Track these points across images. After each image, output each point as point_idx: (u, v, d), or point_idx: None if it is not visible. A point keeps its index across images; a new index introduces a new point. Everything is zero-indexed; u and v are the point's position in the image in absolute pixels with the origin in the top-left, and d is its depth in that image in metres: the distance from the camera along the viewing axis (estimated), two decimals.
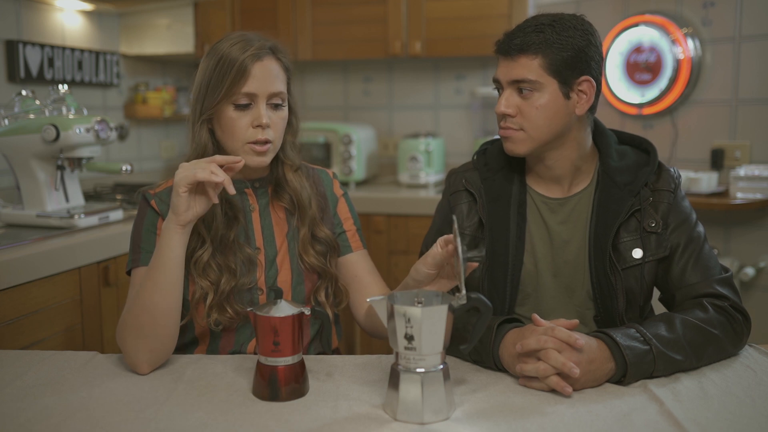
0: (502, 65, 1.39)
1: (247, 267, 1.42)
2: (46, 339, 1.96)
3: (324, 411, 1.12)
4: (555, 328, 1.20)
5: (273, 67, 1.39)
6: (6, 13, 2.65)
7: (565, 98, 1.37)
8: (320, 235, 1.48)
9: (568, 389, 1.15)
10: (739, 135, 2.79)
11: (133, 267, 1.40)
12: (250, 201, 1.47)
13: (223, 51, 1.37)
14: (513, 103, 1.37)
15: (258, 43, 1.38)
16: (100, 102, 3.16)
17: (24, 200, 2.26)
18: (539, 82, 1.35)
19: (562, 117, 1.37)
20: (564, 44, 1.34)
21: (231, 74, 1.35)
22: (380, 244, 3.04)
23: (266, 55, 1.38)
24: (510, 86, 1.38)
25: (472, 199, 1.49)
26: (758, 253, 2.74)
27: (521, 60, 1.35)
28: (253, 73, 1.36)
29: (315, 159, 3.27)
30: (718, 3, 2.79)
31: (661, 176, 1.42)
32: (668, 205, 1.40)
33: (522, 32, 1.35)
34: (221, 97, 1.36)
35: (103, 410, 1.13)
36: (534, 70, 1.34)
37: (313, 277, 1.48)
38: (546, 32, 1.34)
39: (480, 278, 1.45)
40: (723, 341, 1.29)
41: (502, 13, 3.13)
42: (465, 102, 3.56)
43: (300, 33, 3.39)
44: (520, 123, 1.37)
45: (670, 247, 1.39)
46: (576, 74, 1.36)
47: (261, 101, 1.38)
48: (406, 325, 1.07)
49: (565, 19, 1.36)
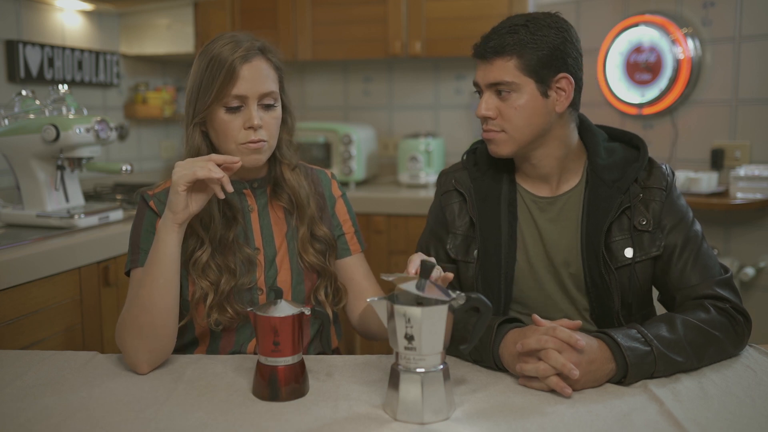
0: (480, 68, 1.40)
1: (246, 267, 1.42)
2: (46, 339, 1.96)
3: (324, 411, 1.12)
4: (556, 328, 1.20)
5: (263, 68, 1.39)
6: (6, 13, 2.65)
7: (544, 97, 1.37)
8: (319, 233, 1.48)
9: (567, 390, 1.15)
10: (739, 135, 2.79)
11: (132, 267, 1.40)
12: (249, 201, 1.47)
13: (213, 53, 1.37)
14: (492, 106, 1.38)
15: (247, 44, 1.38)
16: (100, 102, 3.16)
17: (24, 200, 2.26)
18: (516, 83, 1.35)
19: (541, 116, 1.38)
20: (539, 43, 1.34)
21: (220, 77, 1.35)
22: (380, 244, 3.04)
23: (255, 56, 1.38)
24: (489, 89, 1.39)
25: (462, 198, 1.50)
26: (758, 253, 2.74)
27: (497, 62, 1.36)
28: (242, 75, 1.36)
29: (315, 159, 3.27)
30: (718, 3, 2.79)
31: (652, 173, 1.42)
32: (661, 204, 1.39)
33: (496, 35, 1.36)
34: (212, 100, 1.36)
35: (103, 410, 1.13)
36: (510, 72, 1.35)
37: (313, 277, 1.48)
38: (520, 33, 1.35)
39: (474, 277, 1.45)
40: (724, 342, 1.29)
41: (502, 13, 3.13)
42: (465, 102, 3.56)
43: (300, 33, 3.39)
44: (501, 125, 1.38)
45: (665, 247, 1.39)
46: (553, 72, 1.36)
47: (252, 102, 1.37)
48: (406, 325, 1.07)
49: (539, 19, 1.37)
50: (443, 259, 1.50)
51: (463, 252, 1.47)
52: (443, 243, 1.51)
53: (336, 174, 3.17)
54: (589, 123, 1.49)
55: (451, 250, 1.48)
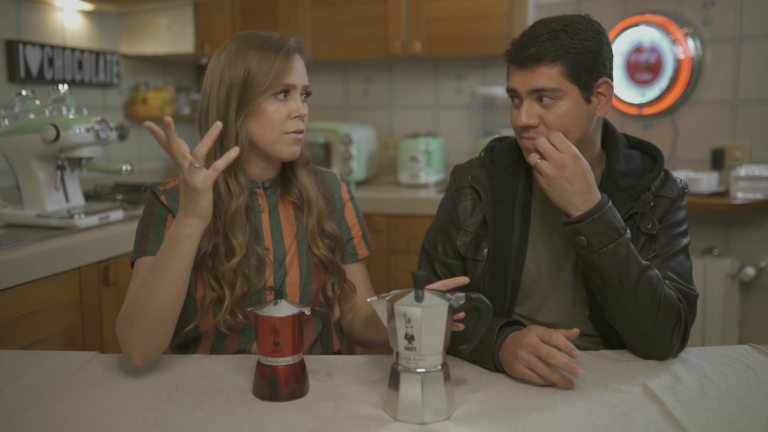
0: (518, 75, 1.35)
1: (257, 268, 1.42)
2: (46, 339, 1.95)
3: (324, 411, 1.12)
4: (553, 335, 1.20)
5: (302, 61, 1.45)
6: (6, 13, 2.65)
7: (587, 103, 1.35)
8: (327, 229, 1.48)
9: (577, 370, 1.17)
10: (739, 135, 2.79)
11: (138, 257, 1.38)
12: (260, 201, 1.47)
13: (257, 45, 1.38)
14: (534, 113, 1.34)
15: (289, 39, 1.42)
16: (100, 102, 3.16)
17: (24, 200, 2.26)
18: (561, 90, 1.32)
19: (584, 122, 1.36)
20: (580, 48, 1.31)
21: (276, 65, 1.37)
22: (380, 244, 3.04)
23: (296, 50, 1.43)
24: (529, 96, 1.34)
25: (477, 196, 1.49)
26: (758, 253, 2.74)
27: (540, 69, 1.32)
28: (293, 65, 1.40)
29: (315, 159, 3.24)
30: (718, 3, 2.79)
31: (666, 184, 1.42)
32: (664, 210, 1.39)
33: (535, 41, 1.32)
34: (265, 89, 1.37)
35: (103, 410, 1.13)
36: (554, 79, 1.32)
37: (321, 276, 1.48)
38: (561, 38, 1.31)
39: (481, 276, 1.45)
40: (662, 315, 1.29)
41: (502, 13, 3.13)
42: (465, 102, 3.56)
43: (300, 33, 3.37)
44: (545, 132, 1.34)
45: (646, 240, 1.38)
46: (595, 77, 1.34)
47: (297, 93, 1.41)
48: (406, 325, 1.07)
49: (576, 22, 1.34)
50: (450, 256, 1.50)
51: (473, 250, 1.47)
52: (452, 240, 1.50)
53: (344, 177, 3.19)
54: (613, 128, 1.47)
55: (461, 247, 1.48)
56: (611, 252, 1.26)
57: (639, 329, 1.30)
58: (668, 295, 1.30)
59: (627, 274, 1.27)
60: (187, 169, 1.18)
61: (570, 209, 1.28)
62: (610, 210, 1.28)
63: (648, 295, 1.28)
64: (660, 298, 1.28)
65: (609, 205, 1.28)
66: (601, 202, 1.28)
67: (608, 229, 1.27)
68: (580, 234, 1.27)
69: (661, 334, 1.30)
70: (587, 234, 1.27)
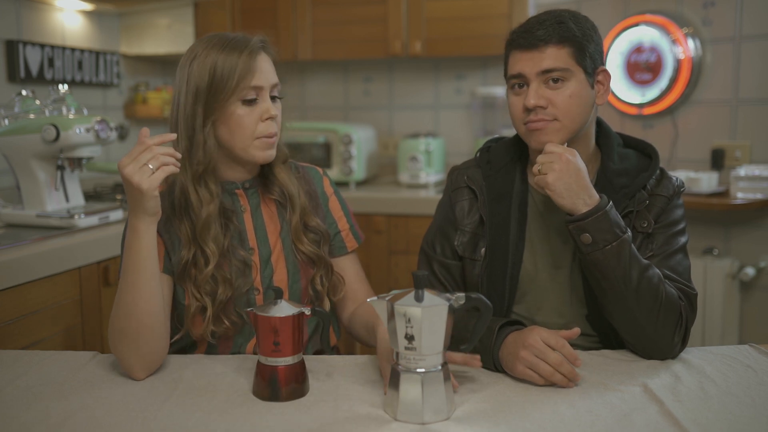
0: (524, 58, 1.37)
1: (241, 270, 1.41)
2: (46, 339, 1.95)
3: (324, 411, 1.12)
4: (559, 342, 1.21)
5: (268, 60, 1.41)
6: (6, 13, 2.65)
7: (591, 88, 1.39)
8: (311, 224, 1.48)
9: (578, 377, 1.20)
10: (739, 135, 2.79)
11: None
12: (242, 202, 1.46)
13: (219, 49, 1.35)
14: (543, 95, 1.36)
15: (252, 39, 1.38)
16: (100, 102, 3.16)
17: (24, 200, 2.26)
18: (570, 70, 1.35)
19: (588, 107, 1.39)
20: (585, 35, 1.36)
21: (238, 69, 1.34)
22: (380, 244, 3.04)
23: (261, 49, 1.39)
24: (538, 78, 1.36)
25: (474, 196, 1.49)
26: (758, 253, 2.74)
27: (549, 50, 1.35)
28: (258, 66, 1.36)
29: (315, 159, 3.27)
30: (718, 3, 2.78)
31: (661, 182, 1.42)
32: (661, 209, 1.40)
33: (542, 25, 1.36)
34: (230, 94, 1.34)
35: (103, 410, 1.13)
36: (564, 59, 1.35)
37: (309, 272, 1.48)
38: (568, 24, 1.36)
39: (479, 276, 1.45)
40: (664, 314, 1.29)
41: (502, 12, 3.13)
42: (465, 102, 3.56)
43: (300, 33, 3.39)
44: (554, 113, 1.36)
45: (643, 240, 1.39)
46: (596, 64, 1.39)
47: (266, 94, 1.38)
48: (406, 325, 1.07)
49: (577, 15, 1.39)
50: (448, 256, 1.50)
51: (470, 250, 1.47)
52: (450, 240, 1.50)
53: (336, 174, 3.20)
54: (606, 126, 1.49)
55: (459, 247, 1.48)
56: (615, 249, 1.27)
57: (641, 328, 1.30)
58: (669, 293, 1.30)
59: (629, 272, 1.27)
60: (138, 171, 1.19)
61: (577, 205, 1.28)
62: (613, 208, 1.30)
63: (650, 293, 1.28)
64: (662, 296, 1.29)
65: (611, 203, 1.30)
66: (603, 201, 1.29)
67: (613, 227, 1.27)
68: (585, 231, 1.27)
69: (662, 333, 1.30)
70: (592, 231, 1.27)
